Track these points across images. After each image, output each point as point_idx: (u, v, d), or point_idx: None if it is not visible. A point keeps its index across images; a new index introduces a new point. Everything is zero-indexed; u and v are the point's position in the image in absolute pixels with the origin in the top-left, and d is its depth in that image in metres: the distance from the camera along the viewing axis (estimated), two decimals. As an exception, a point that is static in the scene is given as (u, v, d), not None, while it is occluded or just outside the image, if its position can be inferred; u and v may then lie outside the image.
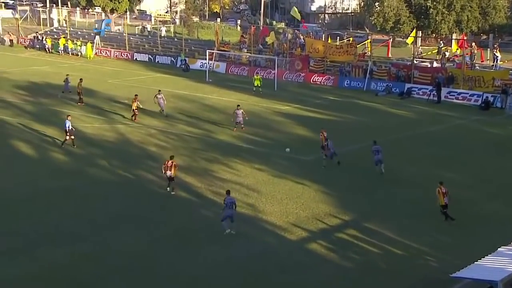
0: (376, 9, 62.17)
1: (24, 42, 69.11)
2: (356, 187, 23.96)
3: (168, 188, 22.67)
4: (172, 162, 22.35)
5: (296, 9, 59.94)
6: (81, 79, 38.52)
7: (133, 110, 33.39)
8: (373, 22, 63.38)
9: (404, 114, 38.58)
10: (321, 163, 26.71)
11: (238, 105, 32.31)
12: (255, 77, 44.50)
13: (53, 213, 20.62)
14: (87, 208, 21.06)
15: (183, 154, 27.86)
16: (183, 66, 55.35)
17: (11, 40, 68.46)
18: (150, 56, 60.08)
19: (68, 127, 28.03)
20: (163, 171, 22.37)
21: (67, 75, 40.63)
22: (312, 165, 26.87)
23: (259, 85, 43.29)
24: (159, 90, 35.86)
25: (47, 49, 64.00)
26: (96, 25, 69.27)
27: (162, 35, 68.59)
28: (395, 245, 18.75)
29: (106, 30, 67.35)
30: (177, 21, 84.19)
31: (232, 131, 31.85)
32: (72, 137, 28.25)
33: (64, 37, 64.94)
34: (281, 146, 29.47)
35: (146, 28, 74.12)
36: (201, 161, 26.86)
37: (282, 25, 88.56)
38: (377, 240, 19.03)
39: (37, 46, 66.52)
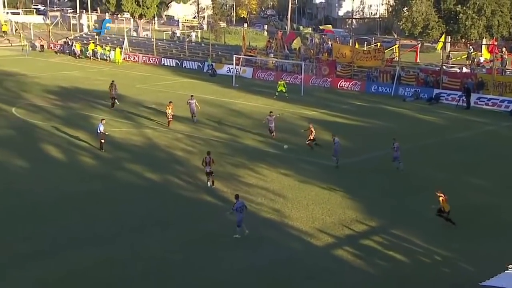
0: (405, 14, 61.69)
1: (55, 47, 70.33)
2: (384, 193, 23.76)
3: (208, 183, 23.86)
4: (210, 158, 23.60)
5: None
6: (113, 81, 38.78)
7: (168, 115, 33.25)
8: (401, 27, 62.89)
9: (432, 120, 38.18)
10: (348, 168, 26.60)
11: (271, 112, 32.14)
12: (280, 82, 44.45)
13: (80, 216, 20.85)
14: (114, 212, 21.26)
15: (209, 158, 27.96)
16: (210, 71, 55.67)
17: (42, 46, 69.72)
18: (177, 61, 60.58)
19: (100, 130, 28.32)
20: (204, 166, 23.71)
21: (113, 80, 39.67)
22: (339, 170, 26.73)
23: (284, 90, 43.21)
24: (192, 95, 35.77)
25: (76, 54, 65.02)
26: (96, 25, 70.02)
27: (193, 40, 69.09)
28: (422, 253, 18.52)
29: (106, 30, 67.91)
30: (205, 26, 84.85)
31: (257, 136, 31.87)
32: (102, 141, 28.57)
33: (93, 43, 65.89)
34: (307, 151, 29.41)
35: (176, 33, 74.70)
36: (227, 166, 26.93)
37: (309, 30, 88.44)
38: (404, 247, 18.82)
39: (67, 51, 67.62)
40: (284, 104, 41.19)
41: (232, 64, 52.20)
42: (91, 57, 63.50)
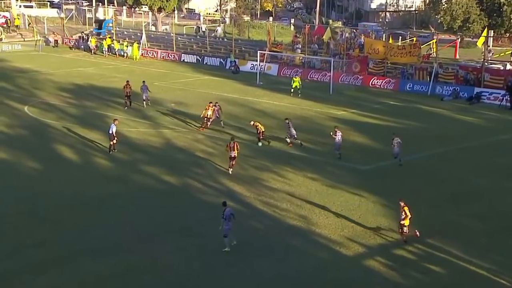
0: (443, 6, 61.15)
1: (69, 42, 71.29)
2: (418, 199, 23.57)
3: (230, 170, 25.83)
4: (234, 143, 25.88)
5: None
6: (127, 81, 39.20)
7: (210, 117, 32.93)
8: (439, 21, 62.35)
9: (472, 120, 37.80)
10: (379, 172, 26.53)
11: (286, 119, 31.90)
12: (294, 78, 44.32)
13: (95, 221, 21.11)
14: (131, 217, 21.47)
15: (231, 161, 28.09)
16: (233, 68, 55.85)
17: (56, 41, 70.69)
18: (198, 57, 60.93)
19: (111, 131, 28.56)
20: (228, 151, 25.90)
21: (144, 81, 39.82)
22: (370, 175, 26.63)
23: (298, 87, 43.20)
24: (216, 103, 35.13)
25: (91, 50, 65.81)
26: (97, 24, 70.62)
27: (218, 35, 69.30)
28: (460, 264, 18.36)
29: (107, 30, 68.47)
30: (227, 20, 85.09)
31: (282, 137, 31.85)
32: (114, 141, 28.72)
33: (109, 37, 66.60)
34: (335, 154, 29.33)
35: (201, 28, 74.96)
36: (250, 169, 27.01)
37: (339, 24, 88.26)
38: (441, 258, 18.68)
39: (82, 46, 68.50)
40: (312, 103, 41.17)
41: (256, 61, 52.32)
42: (107, 53, 64.20)
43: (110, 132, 28.58)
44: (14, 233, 20.01)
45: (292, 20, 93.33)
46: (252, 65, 55.29)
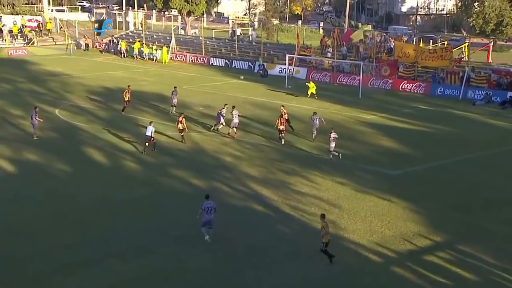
0: (476, 9, 60.48)
1: (99, 46, 72.18)
2: (450, 204, 23.28)
3: (182, 140, 30.69)
4: (182, 118, 30.94)
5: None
6: (129, 86, 39.10)
7: (281, 128, 31.79)
8: (471, 24, 61.70)
9: (505, 125, 37.25)
10: (409, 177, 26.29)
11: (315, 112, 32.16)
12: (309, 84, 43.59)
13: (123, 223, 21.26)
14: (159, 220, 21.57)
15: (259, 164, 28.08)
16: (261, 71, 55.91)
17: (86, 44, 71.66)
18: (226, 61, 61.15)
19: (149, 133, 29.15)
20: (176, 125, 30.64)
21: (175, 87, 39.85)
22: (400, 180, 26.38)
23: (314, 92, 42.65)
24: (233, 106, 35.21)
25: (122, 54, 66.50)
26: (96, 25, 70.94)
27: (252, 39, 69.29)
28: (492, 271, 18.02)
29: (107, 30, 68.81)
30: (256, 23, 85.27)
31: (311, 141, 31.79)
32: (152, 141, 29.41)
33: (139, 41, 67.24)
34: (365, 158, 29.13)
35: (236, 31, 75.19)
36: (278, 172, 26.96)
37: (369, 27, 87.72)
38: (473, 265, 18.37)
39: (112, 50, 69.28)
40: (341, 107, 40.98)
41: (285, 64, 52.28)
42: (137, 57, 64.83)
43: (149, 134, 29.16)
44: (43, 234, 20.24)
45: (321, 24, 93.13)
46: (280, 69, 55.26)
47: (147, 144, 29.35)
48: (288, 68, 51.89)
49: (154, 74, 55.43)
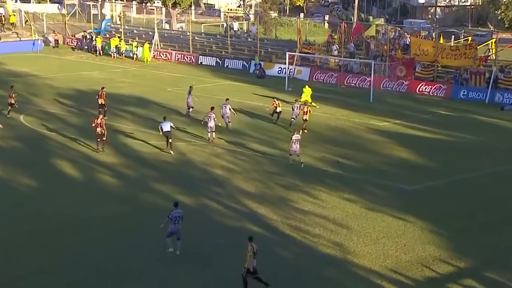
0: (504, 0, 60.76)
1: (71, 42, 72.24)
2: (475, 224, 23.32)
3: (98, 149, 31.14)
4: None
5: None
6: (102, 87, 39.04)
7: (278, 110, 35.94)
8: (499, 17, 62.09)
9: (539, 134, 37.37)
10: (428, 193, 26.34)
11: (227, 99, 34.88)
12: (304, 89, 43.10)
13: (99, 245, 21.22)
14: (139, 241, 21.54)
15: (255, 178, 28.09)
16: (258, 71, 56.06)
17: (56, 40, 71.66)
18: (218, 60, 61.30)
19: (167, 128, 31.24)
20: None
21: (190, 86, 40.20)
22: (417, 196, 26.43)
23: (309, 101, 41.89)
24: (227, 99, 36.34)
25: (97, 51, 66.58)
26: (97, 25, 71.36)
27: (251, 36, 69.00)
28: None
29: (106, 30, 69.06)
30: (251, 17, 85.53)
31: (314, 151, 31.82)
32: (170, 140, 31.31)
33: (118, 37, 67.31)
34: (377, 171, 29.18)
35: (233, 27, 75.00)
36: (277, 188, 26.97)
37: (381, 21, 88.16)
38: (501, 295, 18.38)
39: (86, 47, 69.36)
40: (349, 113, 41.08)
41: (285, 64, 52.42)
42: (115, 55, 64.91)
43: (168, 129, 31.30)
44: (7, 261, 20.14)
45: (327, 17, 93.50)
46: (280, 69, 55.41)
47: (169, 141, 31.23)
48: (288, 68, 52.03)
49: (134, 74, 55.49)
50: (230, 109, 35.86)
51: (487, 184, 27.95)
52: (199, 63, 62.05)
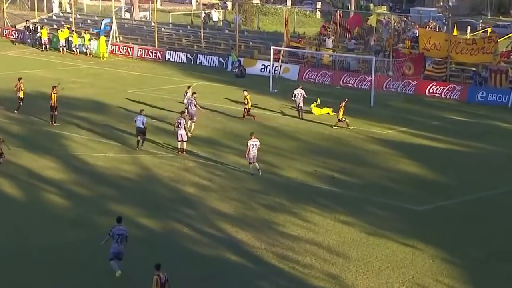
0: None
1: (11, 34, 71.89)
2: (496, 252, 23.42)
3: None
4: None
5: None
6: (54, 86, 38.90)
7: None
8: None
9: None
10: (440, 215, 26.48)
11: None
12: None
13: (46, 278, 21.07)
14: (94, 274, 21.44)
15: (233, 198, 28.09)
16: (237, 69, 56.09)
17: (-8, 32, 71.44)
18: (189, 56, 61.25)
19: (143, 123, 33.35)
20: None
21: (189, 86, 40.52)
22: (427, 218, 26.53)
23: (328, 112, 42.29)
24: (189, 87, 37.28)
25: (43, 45, 66.28)
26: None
27: (237, 27, 68.66)
28: None
29: (106, 30, 69.28)
30: (229, 4, 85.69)
31: (304, 165, 31.89)
32: (140, 138, 33.35)
33: (68, 28, 67.09)
34: (379, 189, 29.27)
35: (211, 17, 74.56)
36: (261, 209, 26.98)
37: (384, 9, 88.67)
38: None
39: (29, 40, 69.02)
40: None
41: (269, 60, 52.52)
42: (64, 50, 64.67)
43: (141, 125, 33.25)
44: None
45: (319, 5, 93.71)
46: (263, 66, 55.54)
47: (139, 138, 33.25)
48: (273, 66, 52.12)
49: (88, 73, 55.35)
50: (196, 106, 36.92)
51: (510, 204, 28.13)
52: (166, 59, 62.00)
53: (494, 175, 31.52)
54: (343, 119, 38.66)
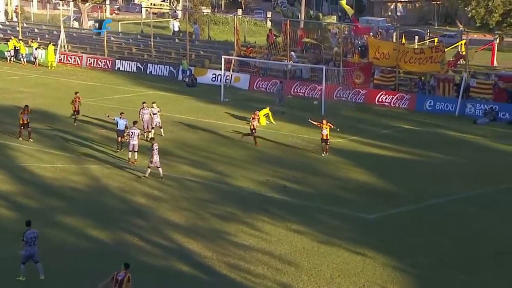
0: (476, -4, 62.20)
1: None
2: (447, 260, 23.63)
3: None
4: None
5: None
6: (26, 106, 38.44)
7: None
8: (470, 15, 63.45)
9: (517, 151, 38.22)
10: (391, 223, 26.65)
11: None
12: (262, 111, 42.50)
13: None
14: (43, 288, 21.17)
15: (184, 208, 27.98)
16: (187, 79, 55.98)
17: None
18: (139, 65, 60.96)
19: (126, 125, 34.24)
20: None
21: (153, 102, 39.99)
22: (378, 226, 26.69)
23: (271, 121, 42.30)
24: (144, 103, 37.18)
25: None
26: (97, 24, 70.61)
27: (196, 38, 68.35)
28: None
29: (106, 30, 68.57)
30: (179, 13, 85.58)
31: (255, 174, 31.90)
32: (126, 138, 33.75)
33: (14, 37, 66.29)
34: (330, 198, 29.39)
35: (174, 27, 74.01)
36: (212, 218, 26.90)
37: (333, 19, 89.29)
38: None
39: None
40: (296, 128, 41.28)
41: (220, 69, 52.50)
42: (11, 59, 63.90)
43: (121, 128, 34.26)
44: None
45: (269, 14, 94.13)
46: (214, 76, 55.49)
47: (120, 139, 34.21)
48: (224, 75, 52.12)
49: (36, 83, 54.69)
50: (150, 114, 37.60)
51: (459, 212, 28.37)
52: (116, 68, 61.59)
53: (442, 183, 31.82)
54: (254, 131, 37.25)
